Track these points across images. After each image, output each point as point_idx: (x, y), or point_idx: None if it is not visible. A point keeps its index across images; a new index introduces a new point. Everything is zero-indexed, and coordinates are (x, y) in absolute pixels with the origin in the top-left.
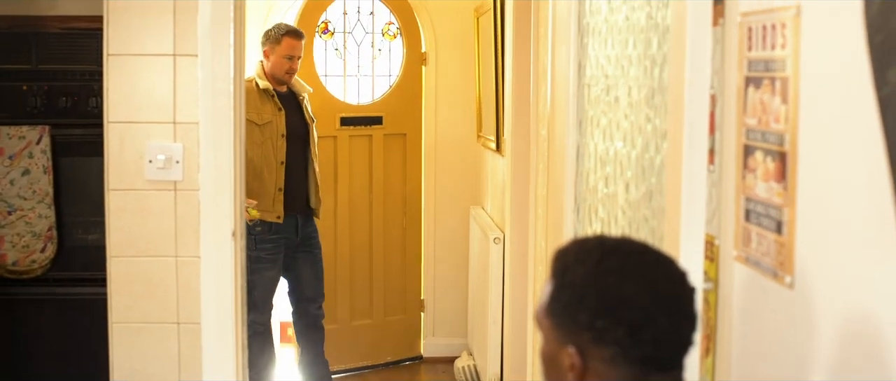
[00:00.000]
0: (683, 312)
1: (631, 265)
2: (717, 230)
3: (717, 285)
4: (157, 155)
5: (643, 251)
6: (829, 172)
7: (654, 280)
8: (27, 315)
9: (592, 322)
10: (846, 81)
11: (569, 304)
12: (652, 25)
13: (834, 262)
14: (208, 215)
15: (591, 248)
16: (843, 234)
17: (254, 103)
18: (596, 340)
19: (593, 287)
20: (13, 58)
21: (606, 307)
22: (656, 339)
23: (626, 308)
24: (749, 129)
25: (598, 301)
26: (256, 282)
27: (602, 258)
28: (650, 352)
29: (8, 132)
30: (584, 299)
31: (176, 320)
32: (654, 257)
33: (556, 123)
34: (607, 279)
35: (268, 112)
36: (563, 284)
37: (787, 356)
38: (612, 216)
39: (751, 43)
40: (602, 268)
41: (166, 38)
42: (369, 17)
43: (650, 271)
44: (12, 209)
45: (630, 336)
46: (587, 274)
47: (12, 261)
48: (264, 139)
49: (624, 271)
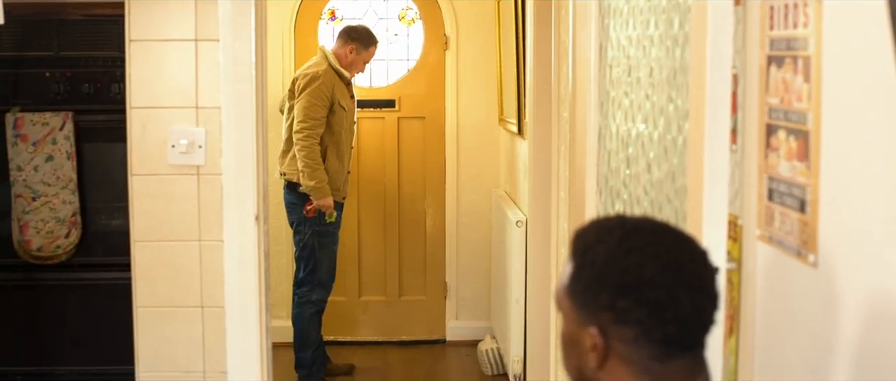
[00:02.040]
0: (706, 291)
1: (653, 245)
2: (739, 210)
3: (740, 264)
4: (179, 140)
5: (665, 230)
6: (852, 151)
7: (676, 260)
8: (52, 300)
9: (614, 302)
10: (869, 58)
11: (590, 284)
12: (673, 5)
13: (857, 241)
14: (231, 199)
15: (611, 227)
16: (867, 212)
17: (340, 89)
18: (618, 320)
19: (615, 267)
20: (36, 45)
21: (628, 287)
22: (679, 318)
23: (649, 288)
24: (771, 108)
25: (620, 281)
26: (323, 259)
27: (623, 238)
28: (672, 332)
29: (32, 119)
30: (606, 278)
31: (200, 303)
32: (675, 237)
33: (578, 105)
34: (629, 259)
35: (347, 98)
36: (583, 264)
37: (810, 335)
38: (635, 197)
39: (772, 22)
40: (624, 248)
41: (188, 24)
42: (383, 4)
43: (672, 251)
44: (37, 196)
45: (652, 316)
46: (609, 254)
47: (37, 247)
48: (346, 124)
49: (645, 250)
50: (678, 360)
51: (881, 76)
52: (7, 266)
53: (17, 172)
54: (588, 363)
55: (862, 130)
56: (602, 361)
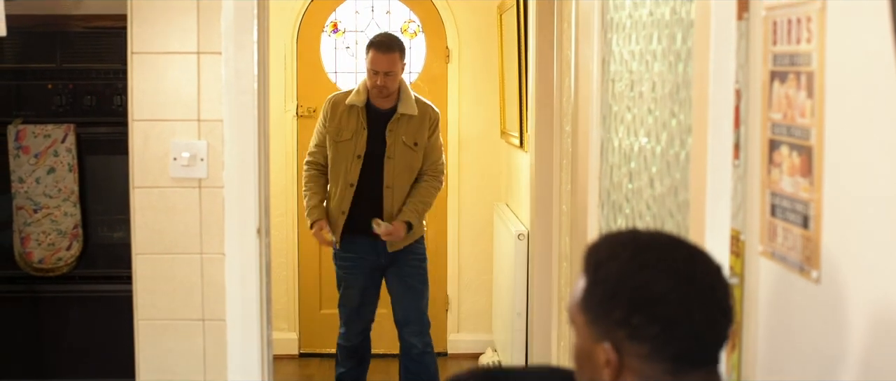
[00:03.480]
0: (719, 307)
1: (666, 260)
2: (742, 225)
3: (742, 280)
4: (181, 153)
5: (678, 245)
6: (856, 167)
7: (689, 275)
8: (53, 313)
9: (628, 319)
10: (872, 75)
11: (603, 300)
12: (676, 20)
13: (861, 257)
14: (233, 212)
15: (624, 242)
16: (871, 228)
17: (336, 119)
18: (631, 336)
19: (628, 283)
20: (38, 57)
21: (641, 303)
22: (692, 335)
23: (662, 304)
24: (774, 123)
25: (633, 297)
26: (341, 298)
27: (636, 253)
28: (685, 347)
29: (33, 131)
30: (619, 294)
31: (201, 316)
32: (688, 252)
33: (580, 118)
34: (642, 275)
35: (349, 129)
36: (596, 280)
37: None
38: (637, 212)
39: (775, 37)
40: (636, 263)
41: (190, 36)
42: (386, 16)
43: (685, 266)
44: (38, 208)
45: (665, 332)
46: (621, 270)
47: (38, 259)
48: (338, 158)
49: (658, 266)
50: (692, 375)
51: (884, 92)
52: (8, 278)
53: (19, 183)
54: (602, 377)
55: (865, 146)
56: (616, 376)
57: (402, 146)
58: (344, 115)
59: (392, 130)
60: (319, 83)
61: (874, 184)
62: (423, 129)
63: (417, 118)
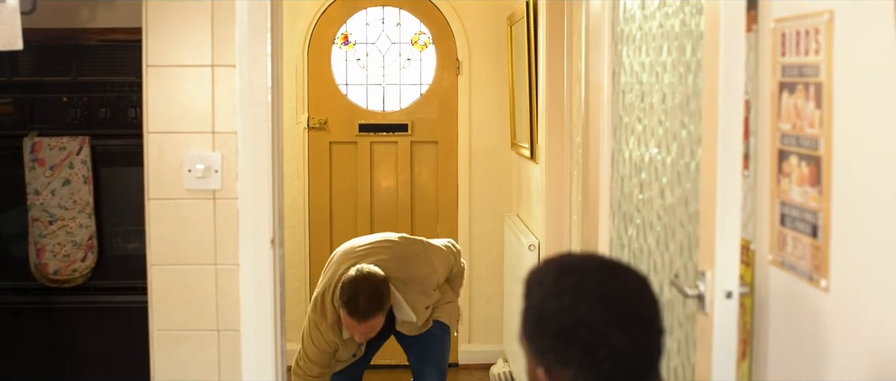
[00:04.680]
0: (642, 325)
1: (585, 283)
2: (752, 235)
3: (753, 289)
4: (196, 164)
5: (600, 267)
6: (865, 177)
7: (608, 297)
8: (68, 324)
9: (553, 344)
10: (880, 85)
11: (534, 326)
12: (686, 32)
13: (870, 265)
14: (247, 224)
15: (551, 268)
16: (879, 237)
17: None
18: (558, 361)
19: (550, 309)
20: (53, 70)
21: (563, 328)
22: (613, 357)
23: (582, 328)
24: (783, 134)
25: (556, 322)
26: None
27: (558, 278)
28: (608, 369)
29: (49, 143)
30: (545, 320)
31: (216, 327)
32: (609, 272)
33: (591, 130)
34: (562, 300)
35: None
36: (527, 306)
37: (823, 359)
38: (648, 222)
39: (784, 48)
40: (557, 289)
41: (204, 49)
42: (396, 28)
43: (604, 288)
44: (54, 219)
45: (587, 356)
46: (545, 296)
47: (54, 270)
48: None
49: (577, 290)
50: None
51: (892, 102)
52: (24, 289)
53: (35, 195)
54: None
55: (873, 155)
56: None
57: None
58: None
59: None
60: (330, 95)
61: (882, 193)
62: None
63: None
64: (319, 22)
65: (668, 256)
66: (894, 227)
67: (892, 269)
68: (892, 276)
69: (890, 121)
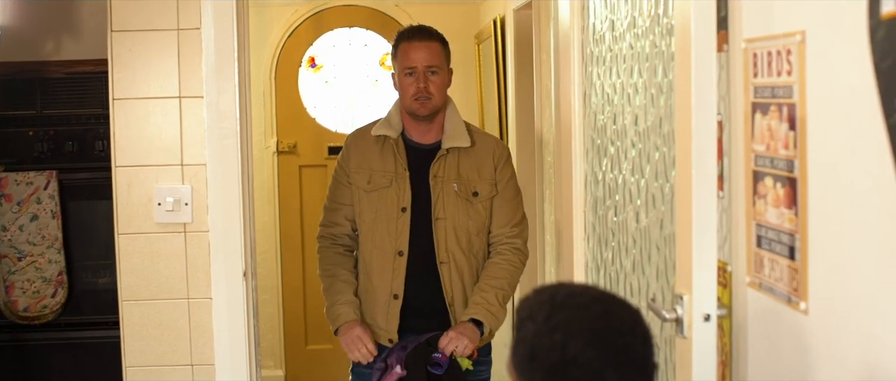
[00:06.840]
0: (634, 363)
1: (577, 320)
2: (728, 256)
3: (730, 311)
4: (165, 198)
5: (593, 302)
6: (840, 197)
7: (601, 335)
8: (40, 361)
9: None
10: (854, 107)
11: (524, 361)
12: (657, 53)
13: (849, 287)
14: (218, 256)
15: (542, 301)
16: (857, 258)
17: (364, 159)
18: None
19: (542, 345)
20: (18, 104)
21: (555, 367)
22: None
23: (574, 367)
24: (757, 155)
25: (548, 360)
26: None
27: (550, 314)
28: None
29: (16, 178)
30: (537, 357)
31: (189, 362)
32: (602, 308)
33: (563, 151)
34: (554, 337)
35: (385, 172)
36: (519, 339)
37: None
38: (624, 245)
39: (756, 69)
40: (550, 325)
41: (171, 80)
42: (363, 49)
43: (597, 325)
44: (22, 255)
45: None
46: (537, 332)
47: (23, 307)
48: (375, 217)
49: (570, 327)
50: None
51: (867, 124)
52: None
53: (3, 232)
54: None
55: (849, 175)
56: None
57: (455, 199)
58: (374, 152)
59: (437, 174)
60: (298, 119)
61: (859, 214)
62: (483, 170)
63: (473, 154)
64: (286, 45)
65: (644, 279)
66: (872, 249)
67: (871, 291)
68: (872, 298)
69: (865, 142)
